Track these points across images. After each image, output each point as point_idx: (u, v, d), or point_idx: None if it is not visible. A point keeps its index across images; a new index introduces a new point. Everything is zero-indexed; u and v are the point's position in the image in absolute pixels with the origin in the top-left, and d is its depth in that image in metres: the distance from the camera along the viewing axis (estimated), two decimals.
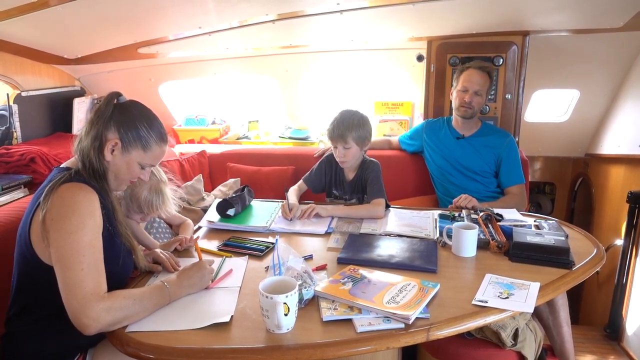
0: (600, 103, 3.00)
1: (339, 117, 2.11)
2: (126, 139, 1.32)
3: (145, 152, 1.36)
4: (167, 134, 1.44)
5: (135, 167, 1.37)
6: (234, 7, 2.27)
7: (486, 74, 2.38)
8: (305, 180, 2.26)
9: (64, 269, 1.17)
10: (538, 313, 1.83)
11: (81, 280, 1.16)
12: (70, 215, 1.20)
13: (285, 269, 1.35)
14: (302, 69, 3.18)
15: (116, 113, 1.33)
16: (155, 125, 1.39)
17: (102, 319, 1.15)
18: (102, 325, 1.16)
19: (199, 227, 1.92)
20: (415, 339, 1.14)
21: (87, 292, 1.16)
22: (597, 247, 1.60)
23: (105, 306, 1.16)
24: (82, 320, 1.14)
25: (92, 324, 1.14)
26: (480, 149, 2.42)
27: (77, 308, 1.14)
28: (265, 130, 3.45)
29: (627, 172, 2.74)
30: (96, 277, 1.19)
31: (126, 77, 3.19)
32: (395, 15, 2.49)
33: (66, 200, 1.21)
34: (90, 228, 1.22)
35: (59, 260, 1.18)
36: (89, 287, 1.16)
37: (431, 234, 1.77)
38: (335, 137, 2.07)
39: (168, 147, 1.47)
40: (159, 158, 1.43)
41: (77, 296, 1.15)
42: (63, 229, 1.18)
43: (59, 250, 1.18)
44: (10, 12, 2.02)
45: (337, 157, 2.12)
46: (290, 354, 1.09)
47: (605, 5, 2.31)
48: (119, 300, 1.20)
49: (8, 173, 2.25)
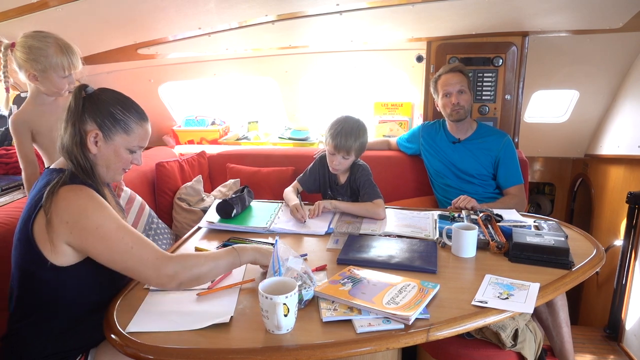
0: (599, 103, 3.00)
1: (342, 126, 2.02)
2: (105, 127, 1.31)
3: (128, 135, 1.35)
4: (143, 110, 1.41)
5: (123, 152, 1.36)
6: (234, 7, 2.27)
7: (459, 73, 2.39)
8: (300, 181, 2.25)
9: (117, 258, 1.22)
10: (538, 313, 1.83)
11: (140, 256, 1.22)
12: (85, 213, 1.21)
13: (285, 269, 1.35)
14: (302, 70, 3.18)
15: (87, 104, 1.32)
16: (131, 106, 1.37)
17: (180, 274, 1.24)
18: (184, 280, 1.25)
19: (198, 228, 1.92)
20: (415, 340, 1.14)
21: (153, 260, 1.22)
22: (596, 248, 1.60)
23: (177, 262, 1.24)
24: (163, 281, 1.23)
25: (173, 278, 1.23)
26: (477, 152, 2.42)
27: (153, 276, 1.22)
28: (265, 131, 3.46)
29: (626, 173, 2.74)
30: (150, 246, 1.25)
31: (126, 78, 3.19)
32: (394, 16, 2.49)
33: (72, 203, 1.22)
34: (110, 215, 1.24)
35: (104, 255, 1.22)
36: (150, 256, 1.23)
37: (431, 234, 1.77)
38: (340, 147, 2.02)
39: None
40: (145, 138, 1.41)
41: (147, 267, 1.22)
42: (87, 227, 1.20)
43: (97, 246, 1.21)
44: (9, 13, 2.03)
45: (331, 164, 2.09)
46: (289, 355, 1.09)
47: (604, 6, 2.31)
48: (189, 258, 1.28)
49: (7, 174, 2.25)
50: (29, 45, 1.72)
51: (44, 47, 1.72)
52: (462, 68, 2.41)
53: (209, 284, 1.40)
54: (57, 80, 1.78)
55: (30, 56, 1.72)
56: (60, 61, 1.75)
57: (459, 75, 2.38)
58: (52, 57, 1.73)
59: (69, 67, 1.78)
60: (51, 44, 1.73)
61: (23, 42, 1.73)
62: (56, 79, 1.77)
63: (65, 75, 1.79)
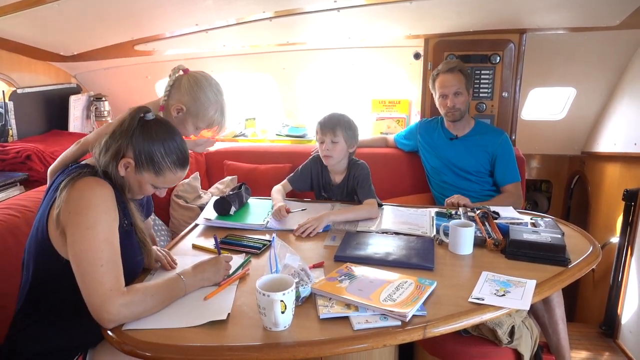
0: (596, 101, 3.01)
1: (330, 113, 2.13)
2: (140, 161, 1.30)
3: (157, 177, 1.34)
4: (187, 159, 1.39)
5: (147, 186, 1.36)
6: (231, 4, 2.27)
7: (457, 73, 2.37)
8: (290, 180, 2.24)
9: (84, 265, 1.18)
10: (534, 310, 1.84)
11: (101, 276, 1.17)
12: (87, 210, 1.20)
13: (282, 266, 1.35)
14: (299, 67, 3.18)
15: (137, 132, 1.31)
16: (173, 151, 1.34)
17: (121, 313, 1.17)
18: (121, 320, 1.18)
19: (195, 225, 1.92)
20: (412, 337, 1.14)
21: (107, 289, 1.16)
22: (593, 245, 1.61)
23: (124, 301, 1.17)
24: (102, 315, 1.16)
25: (112, 318, 1.16)
26: (474, 149, 2.42)
27: (97, 304, 1.16)
28: (262, 128, 3.45)
29: (622, 170, 2.75)
30: (115, 273, 1.20)
31: (123, 75, 3.18)
32: (392, 13, 2.49)
33: (83, 194, 1.22)
34: (107, 223, 1.22)
35: (76, 255, 1.19)
36: (108, 283, 1.17)
37: (428, 231, 1.77)
38: (326, 129, 2.06)
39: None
40: (173, 182, 1.40)
41: (97, 292, 1.16)
42: (81, 224, 1.19)
43: (76, 245, 1.19)
44: (5, 8, 2.02)
45: (322, 152, 2.10)
46: (287, 352, 1.09)
47: (601, 4, 2.32)
48: (137, 294, 1.21)
49: (4, 170, 2.25)
50: (201, 84, 1.66)
51: (212, 96, 1.67)
52: (461, 67, 2.40)
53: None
54: (191, 128, 1.70)
55: (194, 92, 1.65)
56: (211, 117, 1.69)
57: (457, 75, 2.36)
58: (210, 109, 1.67)
59: (210, 126, 1.72)
60: (219, 100, 1.70)
61: (198, 77, 1.68)
62: (192, 127, 1.70)
63: (199, 128, 1.72)
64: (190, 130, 1.71)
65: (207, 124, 1.71)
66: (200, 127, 1.71)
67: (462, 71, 2.38)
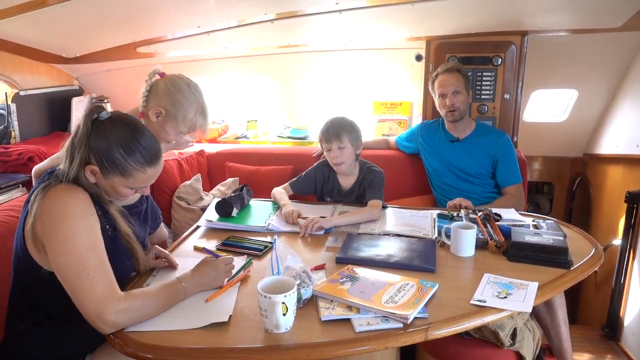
0: (598, 103, 3.00)
1: (330, 120, 2.13)
2: (103, 166, 1.22)
3: (126, 179, 1.25)
4: (154, 155, 1.28)
5: (122, 189, 1.28)
6: (233, 6, 2.27)
7: (456, 73, 2.38)
8: (292, 185, 2.23)
9: (70, 277, 1.13)
10: (536, 313, 1.84)
11: (89, 286, 1.13)
12: (62, 220, 1.15)
13: (283, 268, 1.35)
14: (301, 69, 3.18)
15: (93, 135, 1.22)
16: (136, 149, 1.24)
17: (119, 320, 1.14)
18: (120, 326, 1.15)
19: (197, 227, 1.92)
20: (414, 339, 1.14)
21: (99, 296, 1.12)
22: (595, 247, 1.60)
23: (121, 308, 1.13)
24: (99, 324, 1.12)
25: (109, 326, 1.13)
26: (476, 151, 2.42)
27: (92, 313, 1.12)
28: (264, 129, 3.45)
29: (625, 172, 2.75)
30: (105, 279, 1.15)
31: (125, 77, 3.19)
32: (394, 15, 2.49)
33: (56, 204, 1.17)
34: (86, 230, 1.17)
35: (60, 268, 1.14)
36: (99, 290, 1.13)
37: (430, 233, 1.77)
38: (330, 136, 2.06)
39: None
40: (147, 181, 1.31)
41: (90, 301, 1.12)
42: (57, 235, 1.14)
43: (58, 258, 1.14)
44: (8, 10, 2.02)
45: (331, 159, 2.10)
46: (288, 354, 1.09)
47: (603, 6, 2.32)
48: (135, 300, 1.17)
49: (6, 172, 2.25)
50: (179, 86, 1.63)
51: (191, 97, 1.63)
52: (459, 67, 2.41)
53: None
54: (172, 132, 1.67)
55: (172, 94, 1.62)
56: (192, 119, 1.65)
57: (456, 75, 2.37)
58: (189, 110, 1.64)
59: (192, 129, 1.69)
60: (198, 100, 1.66)
61: (175, 79, 1.65)
62: (173, 131, 1.66)
63: (182, 133, 1.68)
64: (172, 135, 1.68)
65: (189, 126, 1.67)
66: (183, 131, 1.67)
67: (460, 71, 2.39)
